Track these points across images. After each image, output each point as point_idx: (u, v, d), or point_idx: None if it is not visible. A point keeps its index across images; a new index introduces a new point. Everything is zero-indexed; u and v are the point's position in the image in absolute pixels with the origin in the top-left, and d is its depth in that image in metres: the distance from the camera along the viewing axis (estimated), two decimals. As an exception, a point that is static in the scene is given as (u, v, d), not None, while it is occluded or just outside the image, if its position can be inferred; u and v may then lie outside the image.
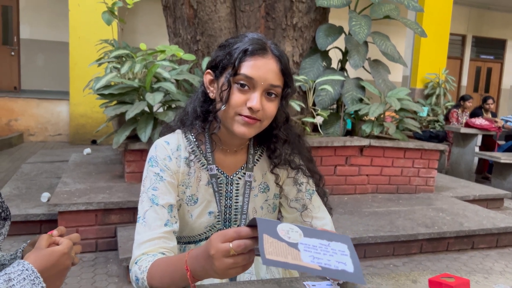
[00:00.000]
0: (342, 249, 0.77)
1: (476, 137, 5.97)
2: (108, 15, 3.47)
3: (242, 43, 1.01)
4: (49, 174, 4.39)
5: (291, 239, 0.73)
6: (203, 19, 3.93)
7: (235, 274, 0.78)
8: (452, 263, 3.12)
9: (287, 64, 1.03)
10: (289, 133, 1.14)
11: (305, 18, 4.14)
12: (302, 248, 0.73)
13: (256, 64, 0.98)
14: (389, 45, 4.27)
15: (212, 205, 1.10)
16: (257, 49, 0.99)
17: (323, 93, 4.14)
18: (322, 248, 0.75)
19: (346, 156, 3.93)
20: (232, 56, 1.00)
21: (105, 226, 3.00)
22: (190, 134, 1.11)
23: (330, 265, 0.73)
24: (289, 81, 1.04)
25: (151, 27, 9.06)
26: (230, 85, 0.99)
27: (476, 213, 3.70)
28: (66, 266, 0.84)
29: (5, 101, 7.15)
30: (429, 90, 8.63)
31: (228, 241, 0.76)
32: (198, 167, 1.09)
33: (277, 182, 1.15)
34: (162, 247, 0.98)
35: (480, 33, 12.85)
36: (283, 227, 0.75)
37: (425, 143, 4.30)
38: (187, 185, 1.09)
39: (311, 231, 0.76)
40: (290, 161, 1.14)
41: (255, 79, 0.98)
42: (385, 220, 3.34)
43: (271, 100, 1.02)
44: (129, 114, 3.13)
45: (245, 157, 1.14)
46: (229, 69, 1.00)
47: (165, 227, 1.00)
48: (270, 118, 1.04)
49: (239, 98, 0.99)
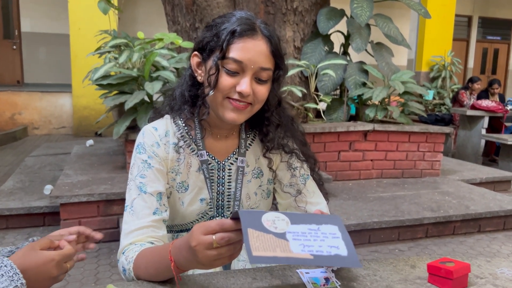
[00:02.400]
0: (333, 231, 0.73)
1: (482, 119, 5.88)
2: (104, 3, 3.41)
3: (230, 24, 0.96)
4: (53, 166, 4.39)
5: (278, 229, 0.70)
6: (201, 6, 3.87)
7: (220, 264, 0.75)
8: (459, 246, 3.08)
9: (278, 45, 0.99)
10: (281, 116, 1.10)
11: (305, 2, 4.06)
12: (290, 237, 0.70)
13: (245, 47, 0.94)
14: (392, 27, 4.19)
15: (204, 192, 1.07)
16: (245, 30, 0.94)
17: (326, 78, 4.07)
18: (312, 233, 0.71)
19: (350, 142, 3.88)
20: (220, 38, 0.95)
21: (107, 217, 2.99)
22: (179, 119, 1.08)
23: (322, 251, 0.70)
24: (280, 63, 1.00)
25: (151, 16, 8.98)
26: (219, 69, 0.95)
27: (483, 196, 3.65)
28: (51, 274, 0.80)
29: (8, 95, 7.15)
30: (435, 73, 8.51)
31: (210, 233, 0.72)
32: (188, 153, 1.06)
33: (270, 167, 1.12)
34: (150, 236, 0.96)
35: (487, 13, 12.61)
36: (268, 217, 0.71)
37: (430, 127, 4.23)
38: (177, 172, 1.05)
39: (298, 217, 0.73)
40: (284, 145, 1.11)
41: (245, 62, 0.94)
42: (390, 205, 3.30)
43: (262, 83, 0.98)
44: (128, 104, 3.10)
45: (236, 141, 1.11)
46: (217, 52, 0.95)
47: (154, 216, 0.97)
48: (261, 101, 1.00)
49: (228, 82, 0.95)
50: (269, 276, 0.90)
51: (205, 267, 0.76)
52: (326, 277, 0.88)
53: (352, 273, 0.91)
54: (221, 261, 0.74)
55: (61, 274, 0.83)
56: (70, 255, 0.85)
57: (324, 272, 0.90)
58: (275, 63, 0.99)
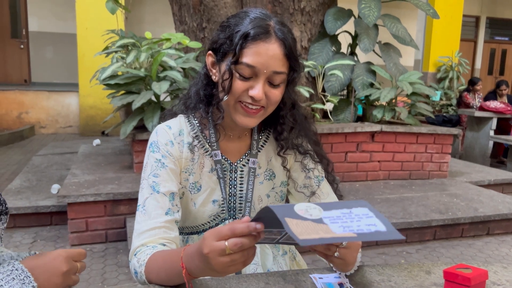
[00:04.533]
0: (365, 212, 0.73)
1: (491, 120, 5.83)
2: (112, 3, 3.41)
3: (244, 26, 0.94)
4: (60, 166, 4.40)
5: (313, 216, 0.69)
6: (208, 6, 3.86)
7: (234, 271, 0.73)
8: (467, 249, 3.05)
9: (292, 47, 0.96)
10: (296, 116, 1.09)
11: (313, 2, 4.04)
12: (328, 221, 0.69)
13: (258, 51, 0.92)
14: (400, 28, 4.16)
15: (216, 193, 1.06)
16: (259, 34, 0.92)
17: (333, 79, 4.05)
18: (346, 216, 0.71)
19: (357, 143, 3.86)
20: (233, 41, 0.94)
21: (114, 217, 2.99)
22: (194, 119, 1.07)
23: (363, 229, 0.69)
24: (294, 65, 0.98)
25: (158, 16, 8.98)
26: (232, 74, 0.94)
27: (492, 198, 3.61)
28: (60, 269, 0.78)
29: (16, 94, 7.18)
30: (442, 74, 8.46)
31: (223, 239, 0.70)
32: (202, 153, 1.05)
33: (284, 165, 1.10)
34: (162, 238, 0.94)
35: (495, 14, 12.51)
36: (300, 207, 0.70)
37: (438, 128, 4.20)
38: (190, 172, 1.04)
39: (327, 205, 0.73)
40: (298, 145, 1.10)
41: (257, 67, 0.92)
42: (398, 206, 3.28)
43: (276, 86, 0.96)
44: (136, 104, 3.10)
45: (249, 142, 1.10)
46: (230, 56, 0.94)
47: (166, 216, 0.96)
48: (274, 104, 0.99)
49: (241, 86, 0.94)
50: (282, 281, 0.89)
51: (219, 274, 0.75)
52: (340, 283, 0.87)
53: (367, 278, 0.90)
54: (235, 268, 0.72)
55: (72, 273, 0.81)
56: (79, 253, 0.83)
57: (338, 277, 0.88)
58: (289, 66, 0.97)
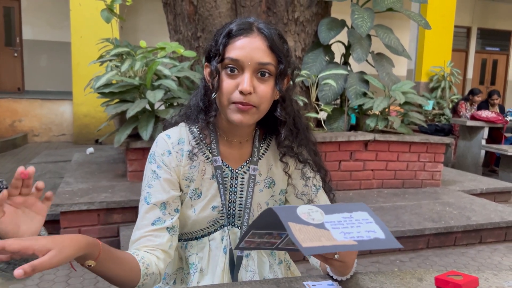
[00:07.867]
0: (365, 217, 0.74)
1: (482, 129, 5.89)
2: (107, 12, 3.43)
3: (227, 27, 0.98)
4: (53, 174, 4.38)
5: (315, 220, 0.70)
6: (203, 15, 3.89)
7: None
8: (460, 258, 3.07)
9: (275, 40, 0.96)
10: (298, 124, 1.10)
11: (306, 12, 4.09)
12: (329, 226, 0.70)
13: (241, 45, 0.94)
14: (392, 38, 4.21)
15: (216, 199, 1.07)
16: (240, 29, 0.95)
17: (326, 88, 4.09)
18: (347, 221, 0.72)
19: (350, 151, 3.88)
20: (218, 42, 0.97)
21: (107, 226, 2.98)
22: (195, 127, 1.09)
23: (363, 236, 0.70)
24: (281, 57, 0.97)
25: (153, 25, 9.03)
26: (219, 72, 0.96)
27: (484, 206, 3.64)
28: None
29: (9, 102, 7.16)
30: (434, 84, 8.54)
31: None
32: (203, 160, 1.06)
33: (286, 171, 1.11)
34: (145, 246, 0.98)
35: (486, 24, 12.70)
36: (303, 209, 0.71)
37: (431, 137, 4.24)
38: (191, 179, 1.05)
39: (328, 208, 0.74)
40: (299, 153, 1.11)
41: (241, 59, 0.94)
42: (391, 215, 3.29)
43: (264, 80, 0.96)
44: (130, 113, 3.10)
45: (250, 150, 1.11)
46: (217, 57, 0.97)
47: (153, 226, 0.99)
48: (266, 101, 0.98)
49: (230, 84, 0.95)
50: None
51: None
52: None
53: (359, 286, 0.91)
54: None
55: None
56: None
57: (331, 284, 0.89)
58: (275, 58, 0.97)
